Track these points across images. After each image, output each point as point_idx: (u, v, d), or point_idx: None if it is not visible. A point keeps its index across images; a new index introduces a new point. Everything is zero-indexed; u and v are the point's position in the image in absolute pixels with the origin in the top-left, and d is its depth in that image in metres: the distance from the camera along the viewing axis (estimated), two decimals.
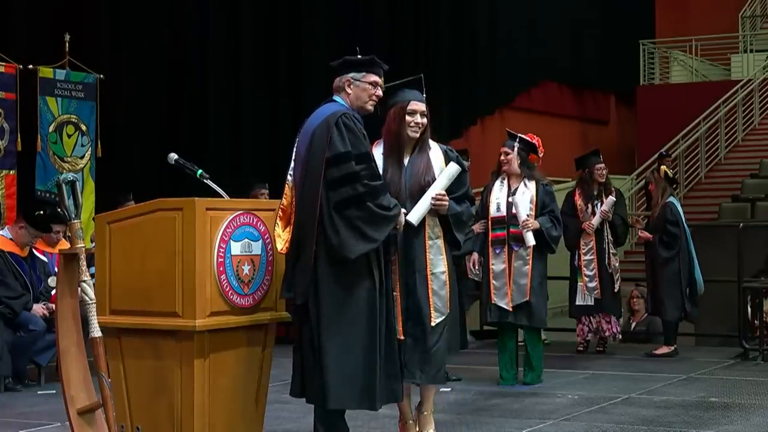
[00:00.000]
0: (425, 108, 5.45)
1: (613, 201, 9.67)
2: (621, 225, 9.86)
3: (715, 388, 7.93)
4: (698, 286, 9.71)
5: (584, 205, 9.73)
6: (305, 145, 5.09)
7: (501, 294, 7.91)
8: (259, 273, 5.06)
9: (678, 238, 9.61)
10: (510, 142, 8.05)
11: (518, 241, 7.88)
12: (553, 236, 7.96)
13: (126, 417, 4.98)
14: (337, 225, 4.95)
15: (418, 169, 5.40)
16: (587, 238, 9.70)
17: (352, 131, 5.02)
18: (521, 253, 7.89)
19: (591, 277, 9.66)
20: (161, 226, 4.86)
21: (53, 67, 10.02)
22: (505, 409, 7.07)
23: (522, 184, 7.94)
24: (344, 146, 4.99)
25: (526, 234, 7.80)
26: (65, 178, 4.74)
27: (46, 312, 8.09)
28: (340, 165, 4.97)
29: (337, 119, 5.02)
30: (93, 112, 10.31)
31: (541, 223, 7.88)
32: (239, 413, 5.04)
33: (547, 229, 7.89)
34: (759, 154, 18.48)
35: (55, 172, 9.77)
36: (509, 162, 7.96)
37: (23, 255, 8.30)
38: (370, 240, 4.98)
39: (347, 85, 5.20)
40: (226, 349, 4.95)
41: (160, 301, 4.84)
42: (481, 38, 16.67)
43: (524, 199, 7.86)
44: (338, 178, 4.97)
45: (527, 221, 7.80)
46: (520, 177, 7.96)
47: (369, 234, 4.97)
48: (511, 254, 7.90)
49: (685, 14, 22.63)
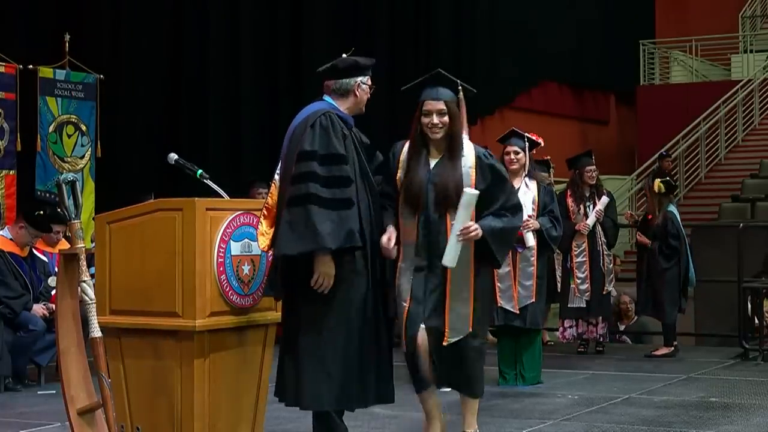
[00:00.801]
0: (444, 106, 5.16)
1: (608, 201, 9.66)
2: (611, 227, 9.81)
3: (715, 388, 7.93)
4: (691, 280, 9.74)
5: (575, 207, 9.68)
6: (286, 143, 5.07)
7: (507, 297, 7.84)
8: (259, 273, 5.06)
9: (678, 251, 9.63)
10: (518, 141, 7.91)
11: (522, 243, 7.78)
12: (554, 236, 7.93)
13: (126, 417, 4.98)
14: (281, 221, 4.86)
15: (444, 178, 5.10)
16: (580, 240, 9.63)
17: (327, 131, 4.93)
18: (525, 254, 7.85)
19: (583, 279, 9.63)
20: (161, 226, 4.86)
21: (53, 67, 10.02)
22: (505, 409, 7.06)
23: (523, 185, 7.85)
24: (311, 145, 4.90)
25: (526, 234, 7.75)
26: (65, 178, 4.75)
27: (46, 312, 8.09)
28: (301, 162, 4.90)
29: (316, 118, 4.96)
30: (93, 112, 10.31)
31: (542, 223, 7.85)
32: (239, 413, 5.04)
33: (547, 230, 7.86)
34: (759, 154, 18.49)
35: (55, 172, 9.77)
36: (518, 162, 7.85)
37: (23, 255, 8.30)
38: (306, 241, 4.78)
39: (357, 88, 5.13)
40: (226, 349, 4.95)
41: (160, 301, 4.84)
42: (481, 38, 16.68)
43: (526, 199, 7.70)
44: (296, 174, 4.89)
45: (528, 221, 7.70)
46: (521, 177, 7.86)
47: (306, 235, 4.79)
48: (515, 256, 7.79)
49: (685, 14, 22.64)
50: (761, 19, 22.83)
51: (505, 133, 8.10)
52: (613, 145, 20.61)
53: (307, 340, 4.95)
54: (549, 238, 7.88)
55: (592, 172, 9.76)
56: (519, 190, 7.73)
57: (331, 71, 5.16)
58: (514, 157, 7.86)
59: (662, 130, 18.65)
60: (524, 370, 8.08)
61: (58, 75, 10.05)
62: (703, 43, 21.48)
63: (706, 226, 13.99)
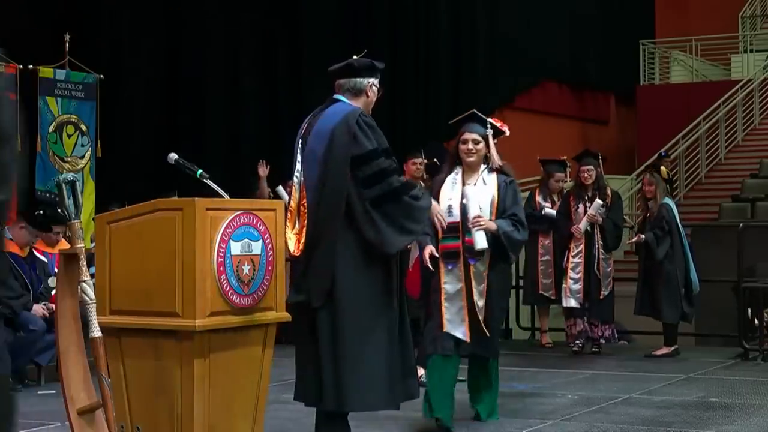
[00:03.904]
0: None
1: (600, 204, 9.51)
2: (612, 230, 9.70)
3: (715, 388, 7.93)
4: (694, 286, 9.69)
5: (575, 206, 9.64)
6: (323, 145, 5.08)
7: (456, 321, 6.17)
8: (259, 273, 5.05)
9: (667, 234, 9.59)
10: (478, 127, 6.30)
11: (471, 251, 6.17)
12: (515, 240, 6.19)
13: (126, 417, 4.98)
14: (376, 221, 4.99)
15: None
16: (578, 241, 9.60)
17: (374, 128, 5.09)
18: (479, 267, 6.18)
19: (575, 279, 9.57)
20: (161, 226, 4.86)
21: (53, 67, 10.02)
22: (505, 409, 7.05)
23: (480, 181, 6.26)
24: (371, 143, 5.04)
25: (476, 233, 6.09)
26: (65, 178, 4.74)
27: (46, 312, 8.09)
28: (371, 162, 5.03)
29: (357, 118, 5.06)
30: (93, 112, 10.32)
31: (499, 225, 6.16)
32: (239, 413, 5.04)
33: (506, 233, 6.14)
34: (759, 154, 18.49)
35: (55, 172, 9.78)
36: (477, 154, 6.24)
37: (23, 255, 8.30)
38: (409, 232, 5.10)
39: (369, 88, 5.22)
40: (226, 349, 4.95)
41: (160, 301, 4.83)
42: (481, 38, 16.68)
43: (482, 197, 6.19)
44: (371, 174, 5.02)
45: (479, 218, 6.11)
46: (478, 173, 6.29)
47: (408, 227, 5.06)
48: (468, 270, 6.17)
49: (685, 14, 22.65)
50: (761, 19, 22.82)
51: (462, 116, 6.44)
52: (613, 145, 20.60)
53: (348, 343, 4.99)
54: (508, 243, 6.15)
55: (586, 172, 9.66)
56: (474, 187, 6.24)
57: (347, 70, 5.24)
58: (473, 147, 6.25)
59: (662, 130, 18.65)
60: (478, 403, 6.58)
61: (58, 75, 10.05)
62: (703, 43, 21.48)
63: (706, 226, 14.01)
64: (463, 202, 6.18)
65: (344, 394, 4.97)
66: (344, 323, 5.00)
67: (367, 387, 4.99)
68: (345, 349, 4.98)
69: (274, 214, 5.13)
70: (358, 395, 4.98)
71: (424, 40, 15.31)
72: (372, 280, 5.04)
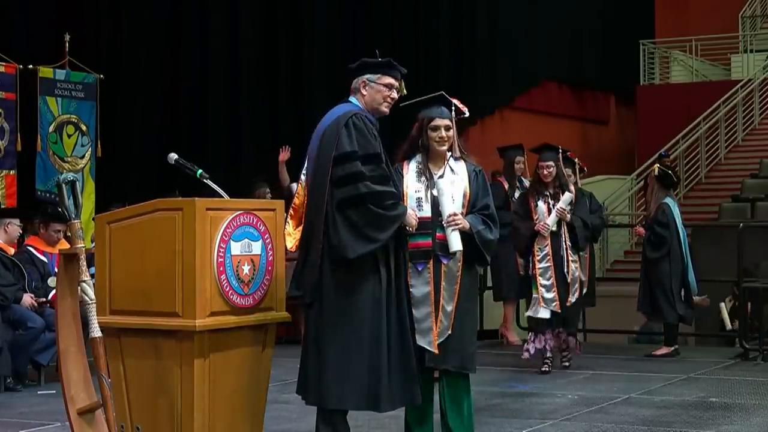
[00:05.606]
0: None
1: (570, 197, 8.40)
2: (581, 228, 8.51)
3: (715, 388, 7.93)
4: (692, 287, 9.62)
5: (534, 204, 8.45)
6: (316, 144, 5.15)
7: (424, 328, 5.43)
8: (259, 273, 5.06)
9: (666, 240, 9.49)
10: (447, 112, 5.62)
11: (446, 250, 5.47)
12: (487, 240, 5.51)
13: (126, 417, 4.98)
14: (338, 225, 4.99)
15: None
16: (542, 242, 8.35)
17: (361, 131, 5.06)
18: (452, 267, 5.50)
19: (548, 287, 8.32)
20: (161, 226, 4.86)
21: (53, 67, 10.03)
22: (505, 409, 7.06)
23: (448, 170, 5.58)
24: (351, 145, 5.03)
25: (452, 234, 5.42)
26: (65, 178, 4.75)
27: (35, 302, 8.09)
28: (345, 164, 5.01)
29: (348, 119, 5.07)
30: (93, 112, 10.32)
31: (472, 223, 5.48)
32: (239, 413, 5.04)
33: (478, 232, 5.48)
34: (759, 154, 18.48)
35: (55, 172, 9.78)
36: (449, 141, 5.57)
37: (15, 250, 8.32)
38: (370, 240, 5.00)
39: (362, 86, 5.24)
40: (226, 349, 4.95)
41: (160, 301, 4.84)
42: (481, 38, 16.68)
43: (453, 190, 5.52)
44: (342, 176, 5.01)
45: (455, 217, 5.43)
46: (444, 160, 5.59)
47: (369, 234, 4.99)
48: (438, 271, 5.47)
49: (685, 14, 22.64)
50: (761, 19, 22.81)
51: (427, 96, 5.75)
52: (613, 145, 20.62)
53: (330, 341, 5.01)
54: (481, 243, 5.48)
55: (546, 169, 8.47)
56: (443, 178, 5.54)
57: (347, 72, 5.30)
58: (445, 134, 5.56)
59: (662, 130, 18.64)
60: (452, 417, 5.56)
61: (58, 75, 10.05)
62: (703, 43, 21.47)
63: (706, 226, 14.00)
64: (434, 194, 5.49)
65: (324, 390, 5.01)
66: (328, 321, 5.02)
67: (348, 387, 5.01)
68: (327, 347, 5.01)
69: (274, 214, 5.14)
70: (337, 394, 5.01)
71: (424, 41, 15.30)
72: (358, 282, 5.03)
